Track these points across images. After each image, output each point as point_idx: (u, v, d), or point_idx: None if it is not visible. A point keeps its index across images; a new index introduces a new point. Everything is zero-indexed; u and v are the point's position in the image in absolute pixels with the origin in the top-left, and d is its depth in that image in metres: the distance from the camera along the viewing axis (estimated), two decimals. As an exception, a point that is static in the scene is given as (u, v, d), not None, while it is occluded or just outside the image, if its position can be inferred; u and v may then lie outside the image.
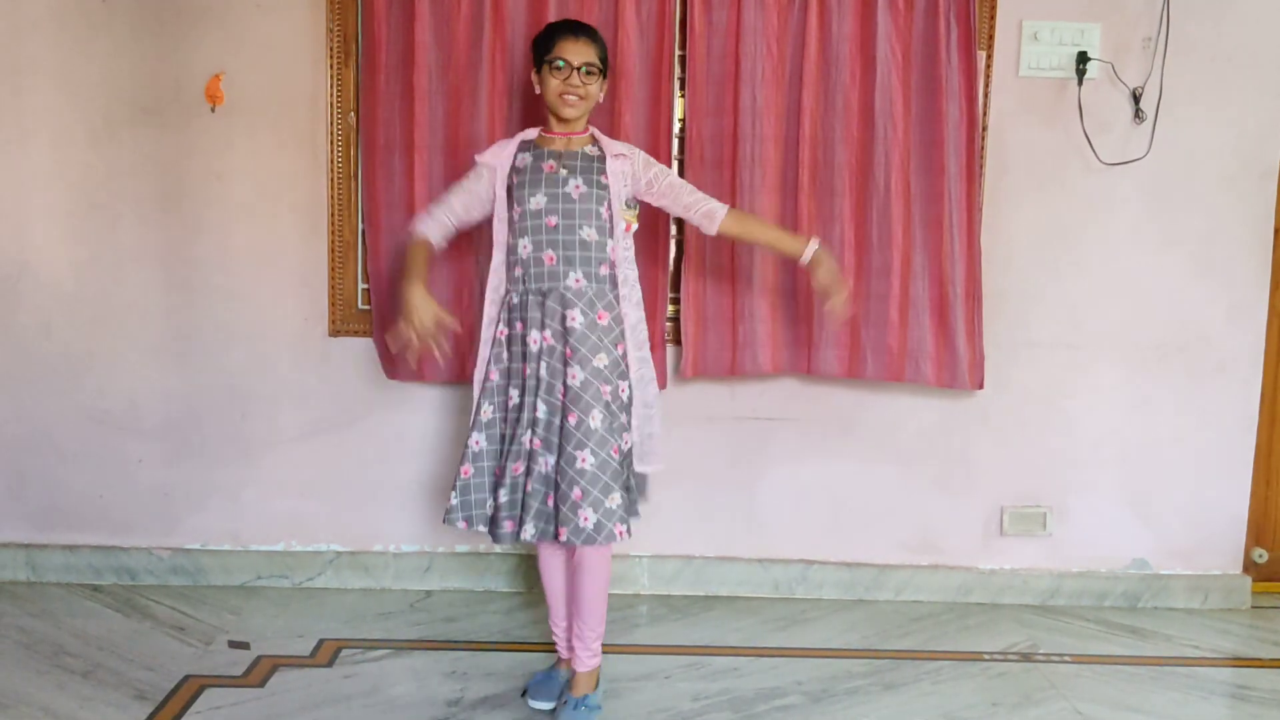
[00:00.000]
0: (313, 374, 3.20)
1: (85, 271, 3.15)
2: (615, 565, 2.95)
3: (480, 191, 2.56)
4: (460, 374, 3.09)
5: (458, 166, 3.01)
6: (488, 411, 2.51)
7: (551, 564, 2.59)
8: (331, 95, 3.08)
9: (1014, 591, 3.33)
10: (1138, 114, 3.16)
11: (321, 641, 2.90)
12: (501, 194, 2.53)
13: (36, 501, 3.25)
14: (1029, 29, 3.12)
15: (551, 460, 2.43)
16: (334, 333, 3.18)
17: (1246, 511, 3.34)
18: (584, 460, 2.38)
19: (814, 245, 2.59)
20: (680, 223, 3.12)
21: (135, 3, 3.05)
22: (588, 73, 2.49)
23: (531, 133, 2.60)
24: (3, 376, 3.19)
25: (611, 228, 2.51)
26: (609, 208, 2.51)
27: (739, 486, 3.28)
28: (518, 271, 2.51)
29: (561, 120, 2.53)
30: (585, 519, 2.37)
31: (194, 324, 3.18)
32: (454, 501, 2.51)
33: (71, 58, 3.06)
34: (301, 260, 3.15)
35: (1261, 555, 3.45)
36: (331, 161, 3.11)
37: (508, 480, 2.45)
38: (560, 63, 2.47)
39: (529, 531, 2.43)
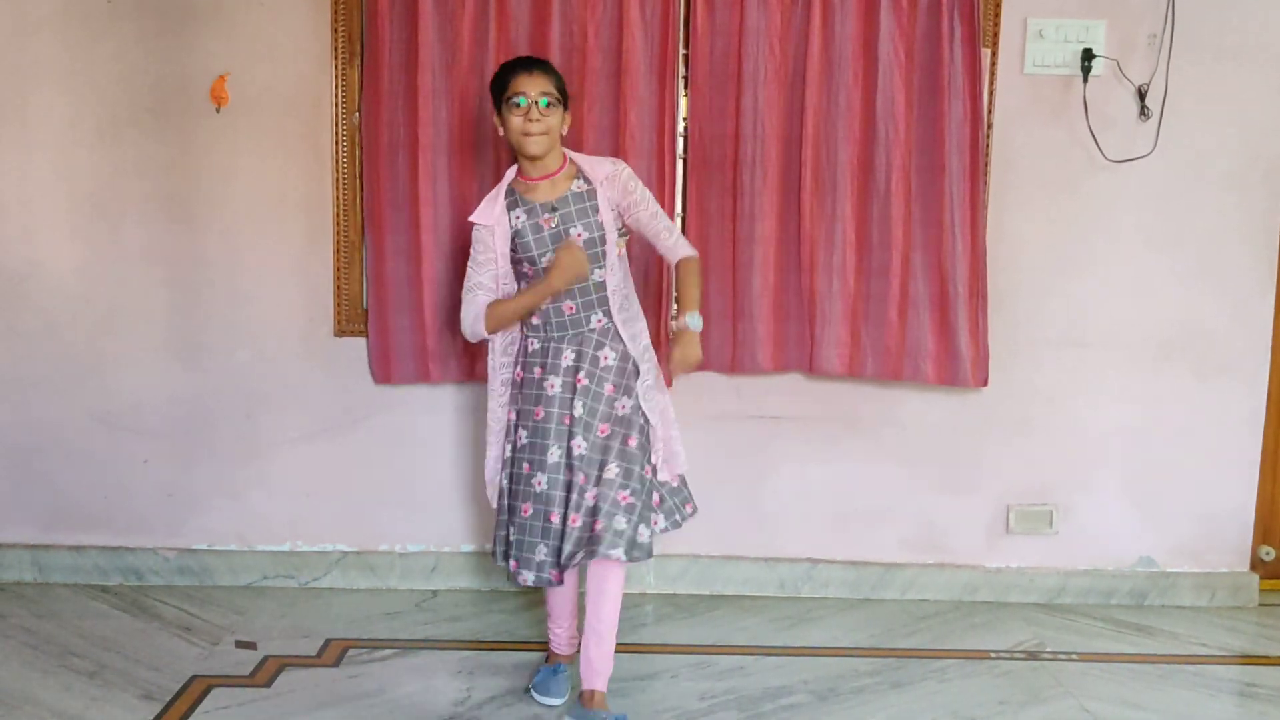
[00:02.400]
0: (318, 374, 3.20)
1: (90, 272, 3.15)
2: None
3: (496, 257, 2.51)
4: (455, 374, 3.13)
5: (461, 167, 3.02)
6: (555, 454, 2.47)
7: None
8: (336, 95, 3.08)
9: (1020, 590, 3.32)
10: (1143, 111, 3.15)
11: (328, 641, 2.91)
12: (505, 251, 2.50)
13: (43, 502, 3.25)
14: (1034, 26, 3.11)
15: (593, 492, 2.45)
16: (339, 333, 3.18)
17: (1253, 509, 3.33)
18: (650, 473, 2.49)
19: (692, 322, 2.55)
20: (682, 222, 3.12)
21: (140, 4, 3.05)
22: (547, 104, 2.43)
23: (510, 175, 2.55)
24: (9, 377, 3.20)
25: (609, 259, 2.53)
26: (607, 242, 2.52)
27: (745, 485, 3.28)
28: (536, 320, 2.53)
29: (531, 159, 2.47)
30: (642, 534, 2.44)
31: (199, 324, 3.18)
32: (516, 545, 2.53)
33: (77, 59, 3.07)
34: (307, 260, 3.15)
35: (1268, 553, 3.44)
36: (336, 161, 3.10)
37: (564, 529, 2.46)
38: (520, 100, 2.41)
39: (578, 559, 2.44)
